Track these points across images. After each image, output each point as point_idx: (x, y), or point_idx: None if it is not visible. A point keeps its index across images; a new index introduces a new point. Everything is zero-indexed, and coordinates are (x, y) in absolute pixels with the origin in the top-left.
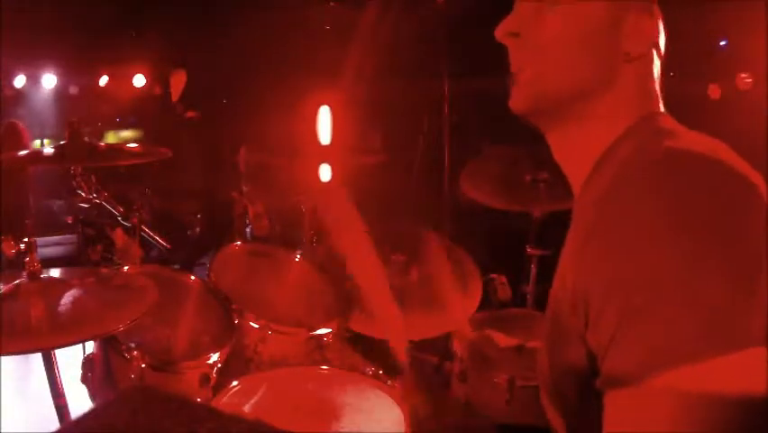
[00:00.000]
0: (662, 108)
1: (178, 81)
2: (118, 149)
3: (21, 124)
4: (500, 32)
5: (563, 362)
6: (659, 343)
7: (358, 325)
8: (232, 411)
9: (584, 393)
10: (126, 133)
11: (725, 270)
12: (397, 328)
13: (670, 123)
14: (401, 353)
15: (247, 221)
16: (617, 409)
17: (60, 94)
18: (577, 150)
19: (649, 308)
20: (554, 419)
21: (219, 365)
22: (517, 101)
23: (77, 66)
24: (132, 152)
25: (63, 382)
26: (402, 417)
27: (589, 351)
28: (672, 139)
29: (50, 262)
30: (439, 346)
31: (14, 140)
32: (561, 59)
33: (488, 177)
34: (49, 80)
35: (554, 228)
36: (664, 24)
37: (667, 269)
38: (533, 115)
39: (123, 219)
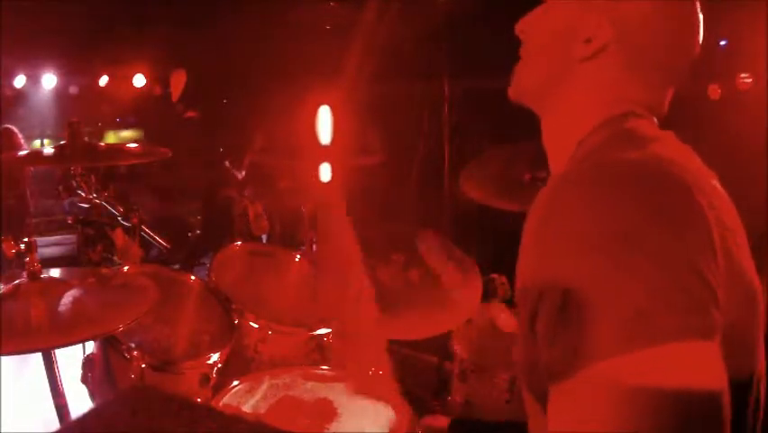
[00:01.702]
0: (645, 106)
1: (178, 81)
2: (118, 149)
3: (15, 130)
4: (516, 29)
5: (529, 357)
6: (581, 341)
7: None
8: (232, 411)
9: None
10: (126, 133)
11: (651, 272)
12: (374, 333)
13: (639, 124)
14: (381, 357)
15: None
16: (552, 404)
17: (60, 94)
18: (552, 141)
19: (575, 309)
20: (535, 415)
21: (219, 365)
22: (509, 88)
23: (77, 66)
24: (132, 152)
25: (63, 382)
26: (401, 416)
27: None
28: (620, 147)
29: (50, 262)
30: (439, 346)
31: (9, 145)
32: (529, 59)
33: (488, 177)
34: (49, 80)
35: None
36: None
37: (594, 272)
38: (518, 101)
39: (123, 219)
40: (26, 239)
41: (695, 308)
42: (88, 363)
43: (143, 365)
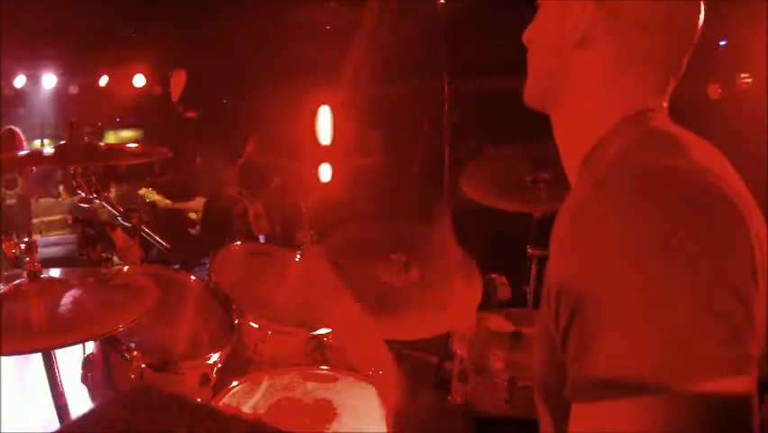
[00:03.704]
0: (658, 103)
1: (178, 81)
2: (118, 149)
3: (18, 131)
4: (523, 39)
5: (549, 361)
6: (615, 363)
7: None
8: (232, 411)
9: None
10: (126, 133)
11: (692, 296)
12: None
13: (665, 124)
14: (381, 357)
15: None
16: (576, 421)
17: (60, 94)
18: (564, 140)
19: (610, 326)
20: (544, 417)
21: (219, 365)
22: (524, 94)
23: (77, 66)
24: (132, 152)
25: (63, 382)
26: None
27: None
28: (659, 150)
29: (50, 262)
30: (439, 346)
31: (11, 146)
32: (532, 59)
33: (488, 177)
34: (49, 80)
35: None
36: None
37: (632, 289)
38: (531, 104)
39: (123, 219)
40: (26, 239)
41: (734, 340)
42: (88, 363)
43: (143, 365)
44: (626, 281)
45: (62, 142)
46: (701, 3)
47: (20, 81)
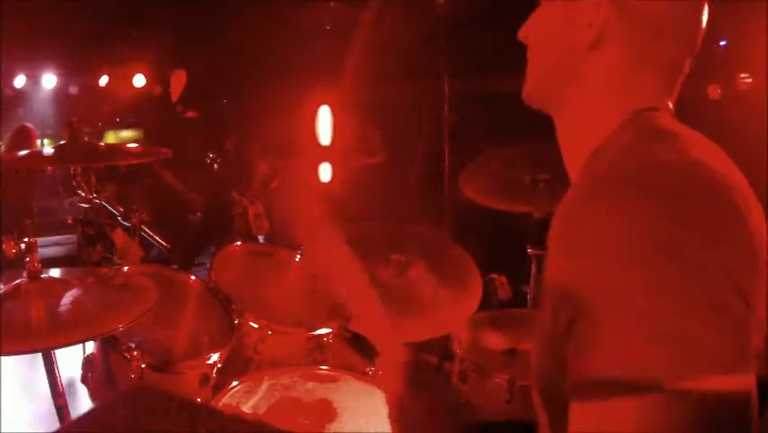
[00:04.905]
0: (663, 102)
1: (178, 81)
2: (118, 149)
3: (33, 128)
4: (519, 36)
5: (547, 360)
6: (614, 363)
7: (358, 325)
8: (232, 411)
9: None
10: (126, 133)
11: (690, 292)
12: (385, 335)
13: (667, 122)
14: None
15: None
16: (576, 421)
17: (60, 94)
18: (567, 141)
19: (608, 327)
20: (541, 415)
21: (219, 365)
22: (523, 91)
23: (77, 66)
24: (132, 152)
25: (63, 382)
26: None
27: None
28: (655, 147)
29: (50, 262)
30: (439, 346)
31: (26, 143)
32: (535, 59)
33: (488, 177)
34: (49, 80)
35: None
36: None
37: (630, 288)
38: (531, 103)
39: (123, 219)
40: (26, 239)
41: (734, 332)
42: (88, 363)
43: (143, 365)
44: (624, 281)
45: (62, 142)
46: (707, 4)
47: (20, 81)
